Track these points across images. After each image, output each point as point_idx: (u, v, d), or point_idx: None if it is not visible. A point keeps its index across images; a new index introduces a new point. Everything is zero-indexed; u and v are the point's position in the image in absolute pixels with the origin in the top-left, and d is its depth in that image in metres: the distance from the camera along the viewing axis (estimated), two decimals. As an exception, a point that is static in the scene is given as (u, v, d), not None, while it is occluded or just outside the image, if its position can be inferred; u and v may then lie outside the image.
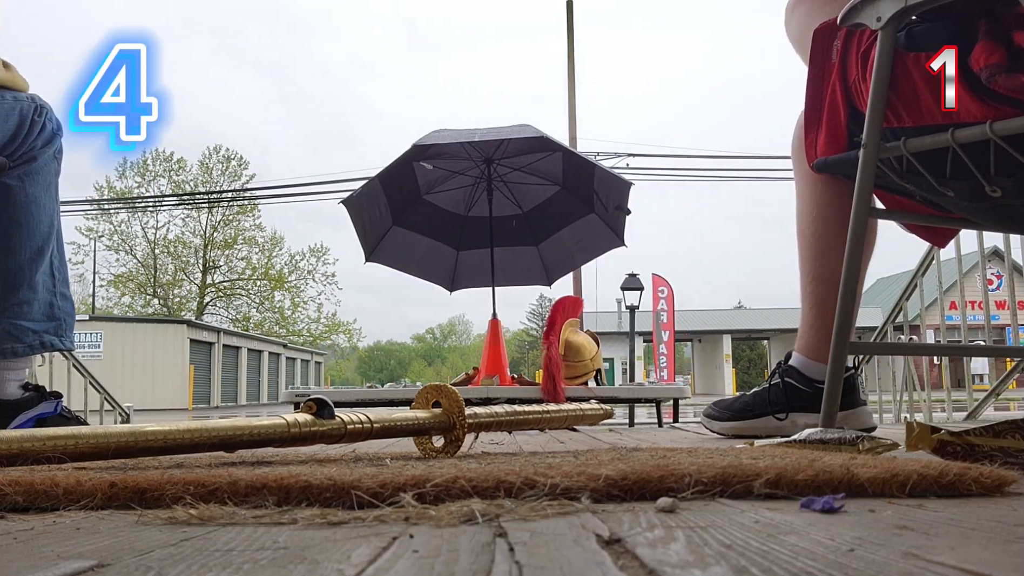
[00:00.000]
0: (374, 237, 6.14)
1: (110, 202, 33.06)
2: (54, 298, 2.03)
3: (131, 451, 1.10)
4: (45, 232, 2.00)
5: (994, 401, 3.64)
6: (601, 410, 1.90)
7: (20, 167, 1.95)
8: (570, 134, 13.99)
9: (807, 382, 1.90)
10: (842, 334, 1.44)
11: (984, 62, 1.28)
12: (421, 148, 5.40)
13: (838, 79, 1.54)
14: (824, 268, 1.84)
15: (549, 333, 4.94)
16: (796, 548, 0.54)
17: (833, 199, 1.80)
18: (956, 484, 0.78)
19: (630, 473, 0.79)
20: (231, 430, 1.18)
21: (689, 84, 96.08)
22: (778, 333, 32.95)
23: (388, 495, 0.74)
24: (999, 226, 1.88)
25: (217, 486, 0.78)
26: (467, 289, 6.85)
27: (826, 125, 1.57)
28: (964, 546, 0.54)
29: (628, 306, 17.21)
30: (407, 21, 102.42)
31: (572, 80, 14.46)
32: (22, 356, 1.98)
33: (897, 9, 1.34)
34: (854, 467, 0.81)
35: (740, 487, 0.79)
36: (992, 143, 1.29)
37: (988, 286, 3.71)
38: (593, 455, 1.21)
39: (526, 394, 4.61)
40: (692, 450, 1.31)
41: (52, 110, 2.03)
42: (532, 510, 0.70)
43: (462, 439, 1.41)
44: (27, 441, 1.02)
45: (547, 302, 45.09)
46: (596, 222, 6.08)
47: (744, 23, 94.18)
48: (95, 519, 0.74)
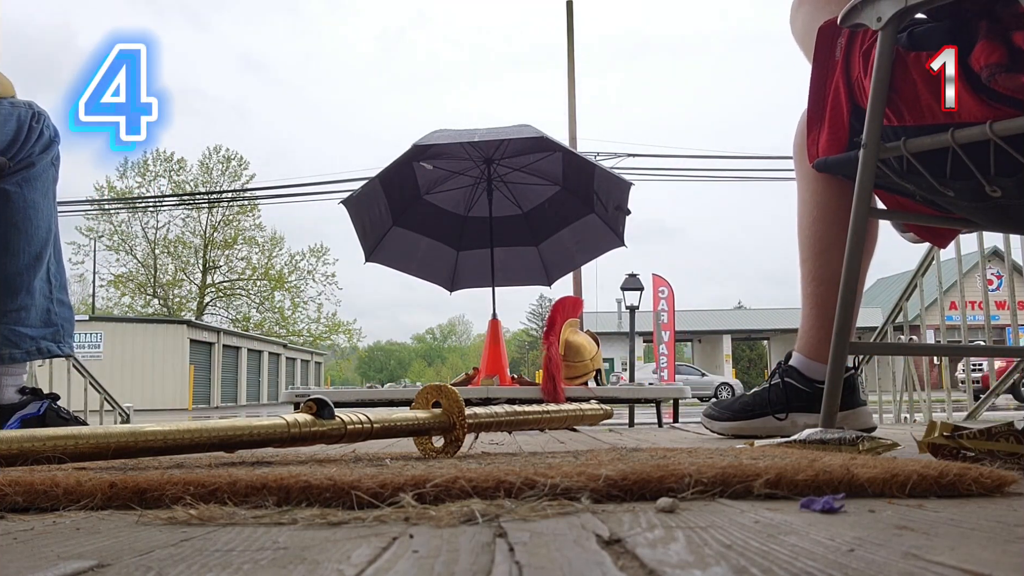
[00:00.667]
0: (374, 237, 6.14)
1: (110, 202, 33.07)
2: (51, 304, 2.03)
3: (131, 451, 1.10)
4: (43, 238, 2.01)
5: (994, 401, 3.64)
6: (601, 410, 1.90)
7: (18, 173, 1.95)
8: (570, 134, 13.99)
9: (807, 382, 1.90)
10: (842, 334, 1.44)
11: (984, 61, 1.28)
12: (421, 148, 5.40)
13: (841, 77, 1.54)
14: (824, 268, 1.84)
15: (549, 333, 4.94)
16: (796, 548, 0.54)
17: (833, 199, 1.80)
18: (956, 484, 0.78)
19: (630, 473, 0.79)
20: (231, 430, 1.18)
21: (690, 83, 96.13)
22: (778, 333, 32.94)
23: (388, 495, 0.74)
24: (999, 226, 1.88)
25: (217, 486, 0.78)
26: (467, 289, 6.86)
27: (829, 123, 1.57)
28: (964, 546, 0.54)
29: (628, 306, 17.21)
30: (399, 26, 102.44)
31: (572, 80, 14.46)
32: (20, 362, 1.98)
33: (897, 9, 1.34)
34: (854, 467, 0.81)
35: (740, 487, 0.79)
36: (992, 143, 1.29)
37: (988, 286, 3.71)
38: (593, 455, 1.21)
39: (526, 394, 4.61)
40: (692, 450, 1.31)
41: (49, 117, 2.03)
42: (532, 510, 0.70)
43: (462, 439, 1.41)
44: (27, 441, 1.02)
45: (547, 302, 45.11)
46: (596, 222, 6.08)
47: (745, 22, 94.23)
48: (95, 519, 0.74)
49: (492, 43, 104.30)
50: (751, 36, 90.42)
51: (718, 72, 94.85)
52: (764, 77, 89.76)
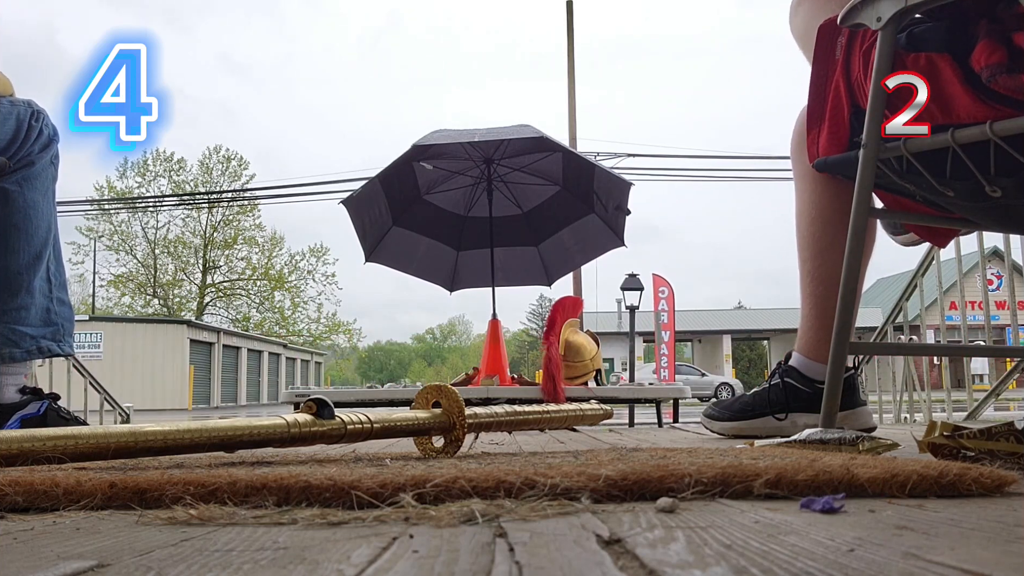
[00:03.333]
0: (374, 237, 6.14)
1: (110, 202, 33.06)
2: (51, 303, 2.03)
3: (131, 451, 1.10)
4: (43, 237, 2.00)
5: (994, 401, 3.64)
6: (601, 410, 1.90)
7: (18, 172, 1.95)
8: (570, 134, 13.99)
9: (807, 382, 1.90)
10: (842, 334, 1.44)
11: (985, 62, 1.28)
12: (421, 148, 5.40)
13: (842, 76, 1.54)
14: (824, 268, 1.84)
15: (549, 333, 4.94)
16: (796, 548, 0.54)
17: (833, 199, 1.80)
18: (956, 484, 0.78)
19: (630, 473, 0.79)
20: (231, 430, 1.18)
21: (690, 84, 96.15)
22: (778, 333, 32.94)
23: (388, 495, 0.74)
24: (999, 226, 1.88)
25: (217, 486, 0.78)
26: (467, 289, 6.85)
27: (829, 122, 1.57)
28: (964, 546, 0.54)
29: (628, 306, 17.20)
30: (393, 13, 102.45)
31: (572, 80, 14.46)
32: (20, 361, 1.98)
33: (897, 9, 1.34)
34: (854, 467, 0.81)
35: (740, 487, 0.79)
36: (992, 143, 1.29)
37: (988, 286, 3.71)
38: (593, 455, 1.21)
39: (526, 394, 4.61)
40: (692, 450, 1.31)
41: (48, 116, 2.03)
42: (532, 510, 0.70)
43: (462, 439, 1.41)
44: (27, 441, 1.02)
45: (547, 302, 45.09)
46: (596, 222, 6.08)
47: (745, 22, 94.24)
48: (95, 519, 0.74)
49: (492, 43, 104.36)
50: (752, 36, 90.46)
51: (718, 72, 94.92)
52: (765, 77, 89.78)
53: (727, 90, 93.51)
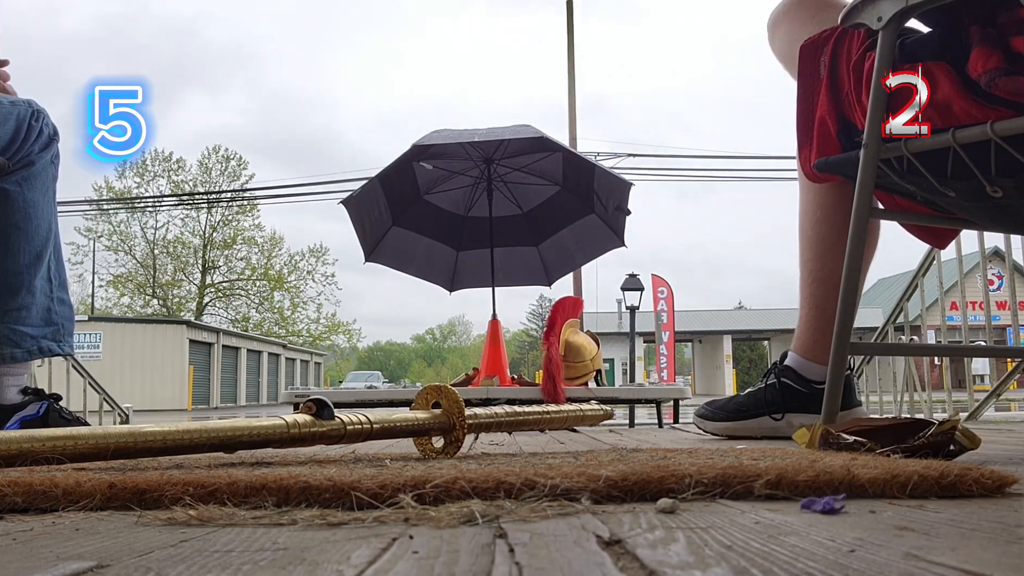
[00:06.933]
0: (374, 237, 6.14)
1: (109, 202, 33.06)
2: (52, 303, 2.02)
3: (130, 452, 1.10)
4: (44, 237, 2.00)
5: (995, 402, 3.63)
6: (601, 411, 1.90)
7: (18, 172, 1.95)
8: (570, 134, 13.99)
9: (803, 382, 1.89)
10: (843, 334, 1.44)
11: (983, 68, 1.28)
12: (421, 148, 5.40)
13: (827, 94, 1.55)
14: (825, 269, 1.84)
15: (549, 334, 4.93)
16: (797, 549, 0.54)
17: (836, 201, 1.80)
18: (957, 485, 0.78)
19: (630, 474, 0.79)
20: (230, 431, 1.17)
21: (690, 84, 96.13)
22: (778, 333, 32.94)
23: (388, 496, 0.74)
24: (1000, 226, 1.88)
25: (216, 487, 0.78)
26: (467, 289, 6.85)
27: (816, 141, 1.58)
28: (965, 547, 0.54)
29: (628, 306, 17.22)
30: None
31: (572, 80, 14.46)
32: (21, 361, 1.98)
33: (898, 9, 1.34)
34: (854, 468, 0.81)
35: (740, 488, 0.79)
36: (993, 143, 1.29)
37: (989, 286, 3.70)
38: (593, 456, 1.21)
39: (526, 395, 4.61)
40: (692, 451, 1.31)
41: (48, 115, 2.03)
42: (532, 511, 0.70)
43: (462, 440, 1.41)
44: (26, 442, 1.02)
45: (547, 302, 45.11)
46: (596, 222, 6.08)
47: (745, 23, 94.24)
48: (94, 520, 0.74)
49: (492, 43, 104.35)
50: (752, 36, 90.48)
51: (718, 72, 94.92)
52: (767, 77, 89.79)
53: (728, 90, 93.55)
